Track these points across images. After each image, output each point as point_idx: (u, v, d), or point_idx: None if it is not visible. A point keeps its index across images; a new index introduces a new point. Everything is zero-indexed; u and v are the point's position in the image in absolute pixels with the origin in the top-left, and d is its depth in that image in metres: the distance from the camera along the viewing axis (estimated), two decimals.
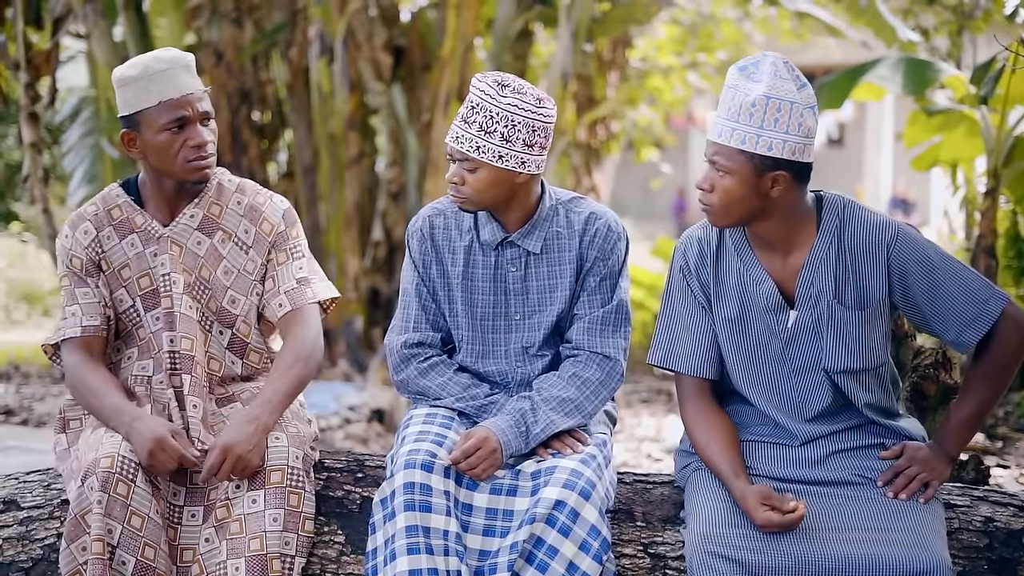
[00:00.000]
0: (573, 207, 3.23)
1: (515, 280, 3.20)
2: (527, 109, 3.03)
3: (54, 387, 8.90)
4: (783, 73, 2.83)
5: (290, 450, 3.07)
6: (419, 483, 2.92)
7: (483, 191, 3.08)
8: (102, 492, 2.91)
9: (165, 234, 3.21)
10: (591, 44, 11.61)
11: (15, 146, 16.73)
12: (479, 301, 3.22)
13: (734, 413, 3.09)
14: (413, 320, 3.27)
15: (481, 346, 3.24)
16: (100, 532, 2.88)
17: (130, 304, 3.22)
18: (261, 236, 3.27)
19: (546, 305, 3.21)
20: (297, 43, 9.59)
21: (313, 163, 9.73)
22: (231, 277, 3.25)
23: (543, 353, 3.23)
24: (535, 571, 2.89)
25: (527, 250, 3.18)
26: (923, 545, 2.74)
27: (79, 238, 3.20)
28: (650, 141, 17.37)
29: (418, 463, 2.95)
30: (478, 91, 3.05)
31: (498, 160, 3.03)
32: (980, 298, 2.90)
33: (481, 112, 3.03)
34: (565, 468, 2.96)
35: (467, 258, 3.21)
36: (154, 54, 3.16)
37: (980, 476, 3.98)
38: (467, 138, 3.04)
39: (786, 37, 16.02)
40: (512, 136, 3.03)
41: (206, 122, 3.15)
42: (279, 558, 2.98)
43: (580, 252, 3.19)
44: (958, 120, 7.48)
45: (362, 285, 9.44)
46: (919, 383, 3.93)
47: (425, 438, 3.03)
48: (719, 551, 2.78)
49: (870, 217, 2.94)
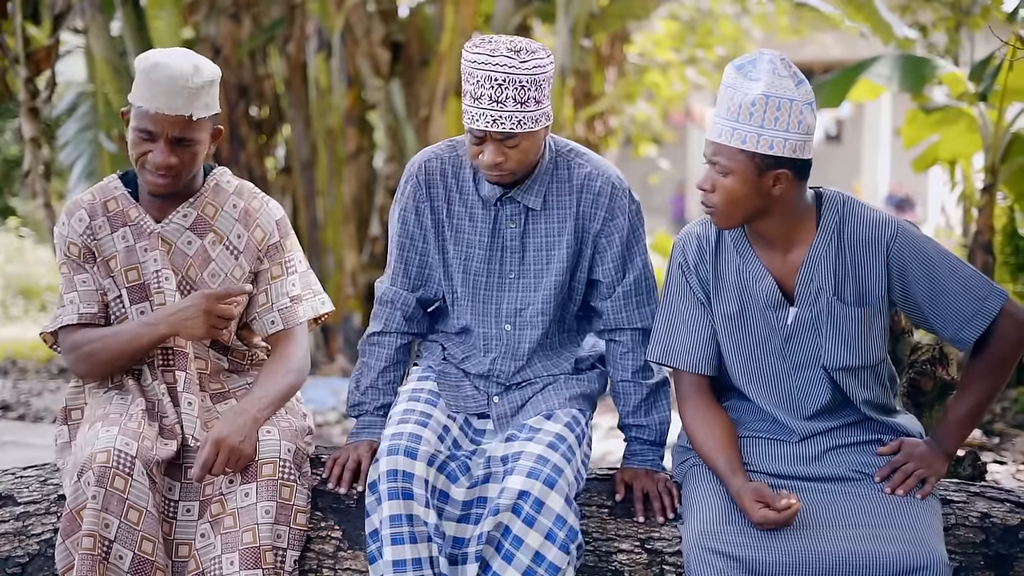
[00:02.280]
0: (573, 160, 3.16)
1: (512, 237, 3.15)
2: (543, 65, 2.94)
3: (51, 382, 8.89)
4: (781, 71, 2.83)
5: (281, 443, 3.07)
6: (402, 470, 2.92)
7: (527, 157, 3.02)
8: (98, 487, 2.90)
9: (156, 230, 3.20)
10: (589, 40, 11.63)
11: (12, 141, 16.72)
12: (475, 256, 3.17)
13: (732, 409, 3.09)
14: (391, 273, 3.29)
15: (471, 303, 3.20)
16: (91, 528, 2.87)
17: (116, 295, 3.21)
18: (252, 244, 3.26)
19: (543, 265, 3.16)
20: (295, 38, 9.58)
21: (311, 158, 9.72)
22: (217, 280, 3.23)
23: (536, 321, 3.18)
24: (502, 561, 2.90)
25: (527, 206, 3.13)
26: (920, 541, 2.75)
27: (74, 225, 3.20)
28: (648, 137, 17.40)
29: (401, 449, 2.95)
30: (499, 66, 2.90)
31: (538, 124, 2.98)
32: (979, 295, 2.90)
33: (511, 86, 2.91)
34: (531, 454, 2.94)
35: (464, 211, 3.17)
36: (168, 60, 3.06)
37: (977, 472, 3.98)
38: (506, 116, 2.93)
39: (784, 33, 16.04)
40: (541, 96, 2.96)
41: (178, 145, 3.07)
42: (271, 550, 2.98)
43: (580, 210, 3.13)
44: (956, 117, 7.49)
45: (360, 280, 9.44)
46: (916, 379, 3.93)
47: (409, 418, 3.04)
48: (716, 547, 2.78)
49: (870, 214, 2.94)
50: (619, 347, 3.23)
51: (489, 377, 3.22)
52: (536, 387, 3.20)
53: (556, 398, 3.14)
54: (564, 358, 3.26)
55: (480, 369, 3.22)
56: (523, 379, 3.21)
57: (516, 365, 3.22)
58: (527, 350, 3.21)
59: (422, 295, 3.27)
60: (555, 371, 3.23)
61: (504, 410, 3.17)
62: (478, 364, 3.22)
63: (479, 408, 3.18)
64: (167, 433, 3.11)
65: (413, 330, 3.31)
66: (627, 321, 3.20)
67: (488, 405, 3.18)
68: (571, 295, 3.22)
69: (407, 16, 9.91)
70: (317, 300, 3.32)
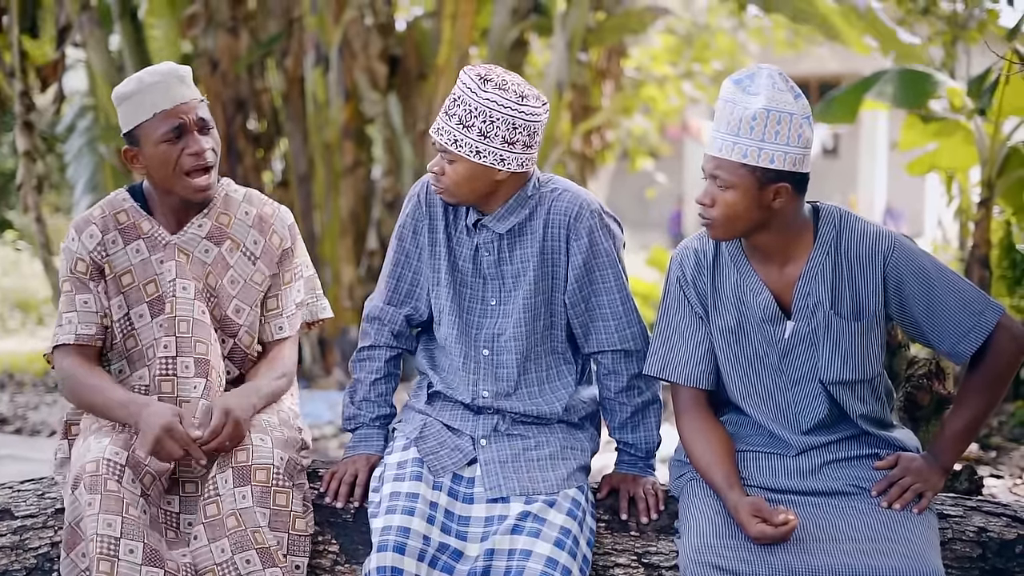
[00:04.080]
0: (550, 191, 3.16)
1: (490, 265, 3.16)
2: (506, 105, 2.98)
3: (48, 396, 8.88)
4: (780, 85, 2.84)
5: (275, 451, 3.06)
6: (390, 567, 2.86)
7: (461, 184, 3.05)
8: (92, 494, 2.89)
9: (172, 241, 3.21)
10: (586, 54, 11.64)
11: (8, 154, 16.72)
12: (460, 280, 3.19)
13: (729, 423, 3.09)
14: (380, 290, 3.30)
15: (456, 326, 3.19)
16: (94, 532, 2.86)
17: (123, 314, 3.21)
18: (270, 249, 3.29)
19: (513, 291, 3.17)
20: (293, 52, 9.59)
21: (308, 172, 9.73)
22: (237, 287, 3.26)
23: (511, 346, 3.16)
24: None
25: (498, 233, 3.14)
26: (917, 555, 2.74)
27: (84, 242, 3.20)
28: (645, 151, 17.40)
29: (390, 545, 2.89)
30: (461, 84, 3.01)
31: (475, 155, 3.00)
32: (975, 310, 2.90)
33: (461, 105, 2.99)
34: (540, 556, 2.88)
35: (456, 236, 3.19)
36: (148, 69, 3.18)
37: (973, 486, 3.99)
38: (447, 130, 3.01)
39: (780, 47, 16.07)
40: (490, 132, 2.98)
41: (205, 131, 3.16)
42: (279, 549, 2.98)
43: (547, 231, 3.12)
44: (953, 129, 7.49)
45: (357, 294, 9.43)
46: (913, 393, 3.93)
47: (396, 506, 2.97)
48: (713, 561, 2.78)
49: (866, 228, 2.95)
50: (601, 368, 3.23)
51: (478, 409, 3.19)
52: (528, 441, 3.15)
53: (554, 475, 3.07)
54: (555, 391, 3.22)
55: (466, 397, 3.19)
56: (511, 408, 3.17)
57: (501, 389, 3.18)
58: (508, 375, 3.18)
59: (410, 312, 3.28)
60: (544, 409, 3.18)
61: (492, 456, 3.11)
62: (464, 392, 3.20)
63: (466, 460, 3.11)
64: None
65: (402, 345, 3.32)
66: (607, 343, 3.19)
67: (476, 449, 3.13)
68: (552, 319, 3.20)
69: (404, 30, 9.93)
70: (318, 305, 3.41)
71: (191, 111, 3.13)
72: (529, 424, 3.18)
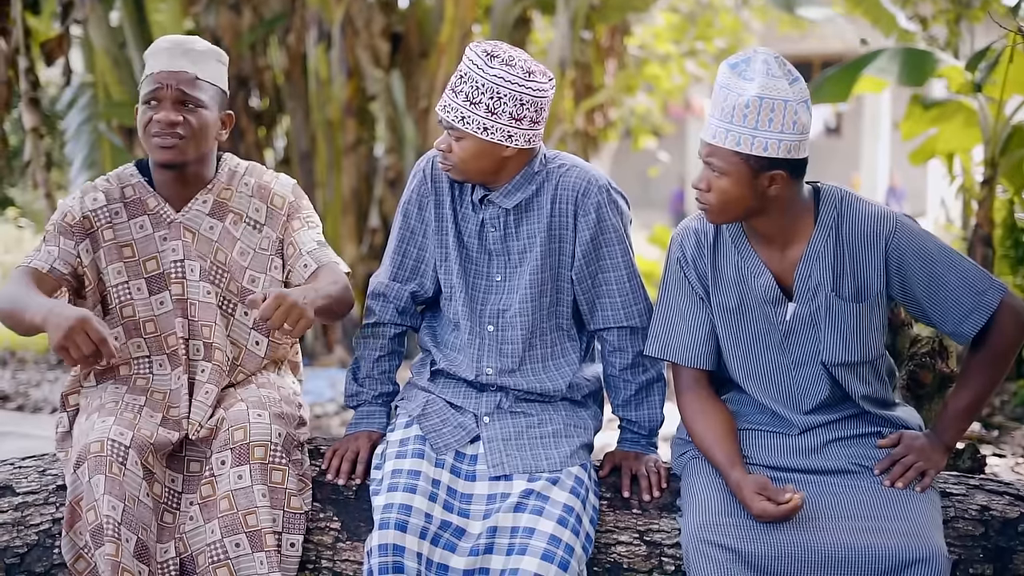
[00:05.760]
0: (557, 166, 3.16)
1: (495, 241, 3.16)
2: (513, 81, 2.98)
3: (50, 373, 8.89)
4: (775, 71, 2.81)
5: (272, 427, 3.05)
6: (392, 544, 2.87)
7: (468, 161, 3.05)
8: (97, 475, 2.90)
9: (177, 219, 3.21)
10: (589, 32, 11.61)
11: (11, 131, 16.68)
12: (466, 256, 3.19)
13: (731, 401, 3.09)
14: (385, 266, 3.29)
15: (464, 301, 3.18)
16: (106, 511, 2.86)
17: (123, 280, 3.19)
18: (274, 211, 3.27)
19: (520, 266, 3.16)
20: (295, 29, 9.57)
21: (310, 150, 9.72)
22: (248, 257, 3.24)
23: (516, 322, 3.15)
24: None
25: (505, 208, 3.13)
26: (919, 533, 2.75)
27: (86, 202, 3.19)
28: (648, 129, 17.39)
29: (392, 522, 2.90)
30: (467, 60, 3.01)
31: (483, 132, 3.00)
32: (978, 289, 2.90)
33: (468, 82, 2.99)
34: (543, 533, 2.88)
35: (462, 211, 3.19)
36: (173, 36, 3.19)
37: (976, 465, 3.98)
38: (453, 107, 3.01)
39: (784, 26, 16.03)
40: (498, 108, 2.98)
41: (183, 105, 3.10)
42: (271, 533, 2.98)
43: (555, 207, 3.12)
44: (955, 110, 7.48)
45: (359, 272, 9.43)
46: (916, 372, 3.92)
47: (398, 483, 2.97)
48: (715, 540, 2.78)
49: (868, 209, 2.94)
50: (606, 345, 3.23)
51: (481, 386, 3.19)
52: (531, 419, 3.15)
53: (557, 453, 3.07)
54: (559, 368, 3.22)
55: (470, 374, 3.19)
56: (514, 385, 3.17)
57: (505, 366, 3.18)
58: (512, 351, 3.18)
59: (415, 289, 3.27)
60: (548, 386, 3.18)
61: (495, 433, 3.11)
62: (468, 368, 3.19)
63: (468, 437, 3.11)
64: (171, 424, 3.12)
65: (407, 322, 3.31)
66: (613, 320, 3.19)
67: (479, 426, 3.14)
68: (558, 296, 3.19)
69: (407, 7, 9.91)
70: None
71: (175, 81, 3.09)
72: (532, 402, 3.19)
